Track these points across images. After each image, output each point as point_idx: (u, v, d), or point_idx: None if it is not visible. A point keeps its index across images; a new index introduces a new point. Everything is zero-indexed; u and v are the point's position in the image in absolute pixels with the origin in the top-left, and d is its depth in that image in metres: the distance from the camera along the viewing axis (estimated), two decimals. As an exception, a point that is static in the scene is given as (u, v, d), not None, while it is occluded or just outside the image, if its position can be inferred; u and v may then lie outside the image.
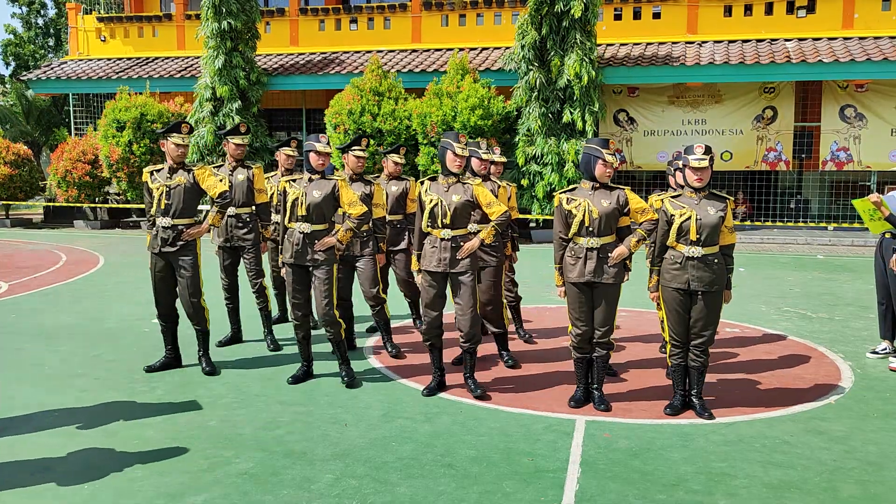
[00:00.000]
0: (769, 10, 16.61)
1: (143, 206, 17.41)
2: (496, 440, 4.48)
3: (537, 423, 4.76)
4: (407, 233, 6.63)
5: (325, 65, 17.93)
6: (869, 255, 13.23)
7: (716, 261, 4.76)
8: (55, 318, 7.82)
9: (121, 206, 18.24)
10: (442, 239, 5.14)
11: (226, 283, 6.66)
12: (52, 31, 34.19)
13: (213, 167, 6.37)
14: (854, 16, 16.21)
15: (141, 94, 17.01)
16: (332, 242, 5.35)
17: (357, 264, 6.20)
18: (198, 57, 18.40)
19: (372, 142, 14.72)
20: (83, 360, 6.24)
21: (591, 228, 4.86)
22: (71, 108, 20.67)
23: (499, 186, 6.07)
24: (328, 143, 5.40)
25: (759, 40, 16.43)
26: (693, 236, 4.73)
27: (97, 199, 18.20)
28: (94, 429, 4.65)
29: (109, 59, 20.35)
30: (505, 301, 6.11)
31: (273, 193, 6.82)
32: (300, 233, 5.37)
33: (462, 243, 5.15)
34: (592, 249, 4.86)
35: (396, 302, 7.36)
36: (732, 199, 4.98)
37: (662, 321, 5.43)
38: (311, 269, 5.41)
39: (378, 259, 6.25)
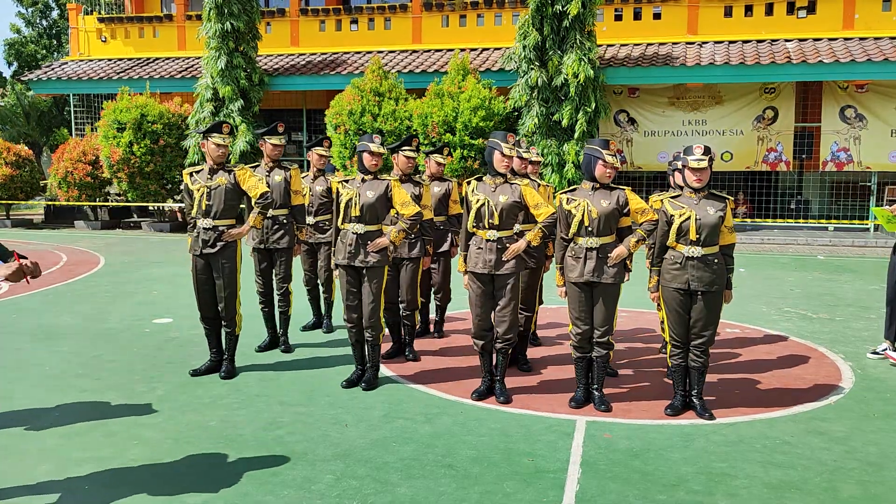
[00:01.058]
0: (769, 10, 16.61)
1: (143, 205, 17.46)
2: (497, 441, 4.48)
3: (538, 424, 4.76)
4: (450, 235, 6.56)
5: (326, 65, 17.93)
6: (870, 255, 13.23)
7: (716, 261, 4.77)
8: (55, 318, 7.82)
9: (121, 205, 18.25)
10: (488, 240, 5.08)
11: (261, 288, 6.47)
12: (54, 31, 34.20)
13: (251, 167, 6.26)
14: (854, 16, 16.21)
15: (141, 94, 17.02)
16: (384, 243, 5.29)
17: (402, 267, 6.10)
18: (198, 57, 18.40)
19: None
20: (83, 360, 6.24)
21: (590, 228, 4.87)
22: (71, 109, 20.68)
23: (539, 185, 6.01)
24: (382, 144, 5.34)
25: (759, 41, 16.43)
26: (693, 236, 4.73)
27: (98, 199, 18.20)
28: (94, 429, 4.65)
29: (110, 60, 20.36)
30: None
31: (307, 195, 6.72)
32: (353, 233, 5.30)
33: (508, 244, 5.09)
34: (592, 249, 4.87)
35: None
36: (732, 199, 4.98)
37: (662, 321, 5.43)
38: (363, 270, 5.35)
39: (423, 262, 6.15)
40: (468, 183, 5.28)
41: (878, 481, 3.97)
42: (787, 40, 16.27)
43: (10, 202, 18.95)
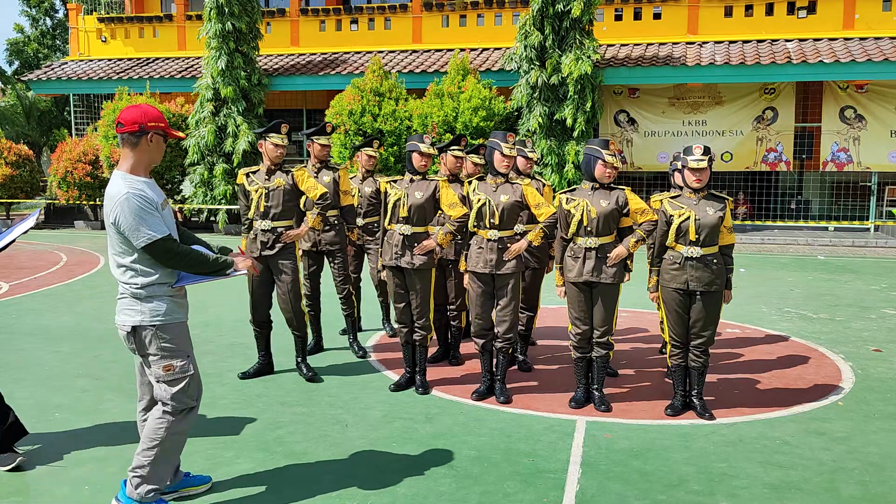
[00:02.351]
0: (770, 10, 16.61)
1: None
2: (497, 441, 4.48)
3: (538, 424, 4.76)
4: None
5: (326, 65, 17.94)
6: (870, 255, 13.23)
7: (715, 261, 4.77)
8: (55, 318, 7.82)
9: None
10: (489, 240, 5.08)
11: (308, 291, 6.27)
12: (58, 31, 34.15)
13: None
14: (855, 16, 16.21)
15: (141, 94, 17.02)
16: (431, 246, 5.22)
17: (448, 268, 5.99)
18: (198, 58, 18.41)
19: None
20: (83, 360, 6.24)
21: (589, 228, 4.87)
22: (71, 109, 20.68)
23: (543, 185, 5.96)
24: (432, 145, 5.28)
25: (759, 41, 16.43)
26: (692, 236, 4.73)
27: (98, 199, 18.21)
28: (93, 430, 4.65)
29: (110, 60, 20.36)
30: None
31: (355, 195, 6.58)
32: (400, 234, 5.25)
33: (509, 245, 5.09)
34: (591, 249, 4.86)
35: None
36: (731, 199, 4.98)
37: (662, 322, 5.43)
38: (409, 272, 5.29)
39: None
40: (469, 182, 5.28)
41: (878, 481, 3.97)
42: (787, 40, 16.27)
43: (10, 202, 18.94)
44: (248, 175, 5.56)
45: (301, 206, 5.70)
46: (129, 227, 3.30)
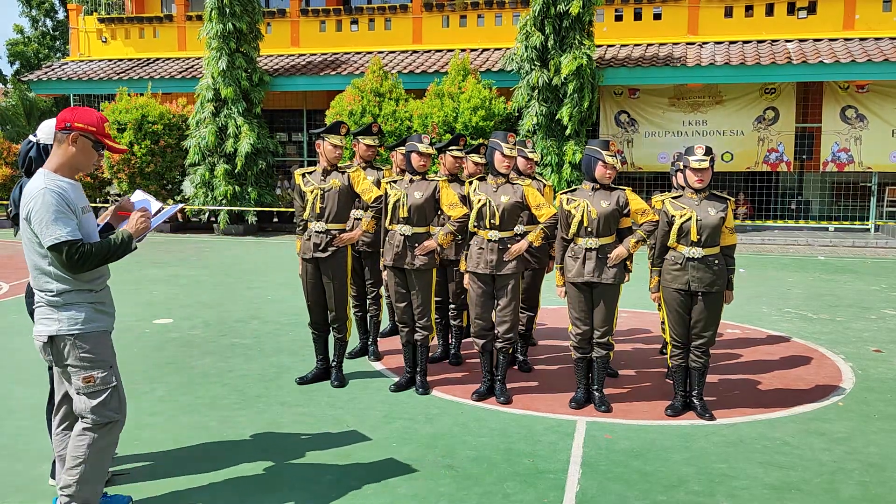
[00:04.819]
0: (770, 10, 16.60)
1: (143, 206, 17.45)
2: (497, 441, 4.48)
3: (538, 424, 4.76)
4: None
5: (326, 66, 17.93)
6: (870, 255, 13.23)
7: (716, 261, 4.77)
8: (56, 318, 7.79)
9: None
10: (489, 240, 5.08)
11: (354, 292, 6.15)
12: (58, 32, 34.16)
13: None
14: (855, 17, 16.20)
15: (142, 95, 17.02)
16: (432, 246, 5.22)
17: (449, 269, 5.98)
18: (199, 58, 18.41)
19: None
20: (84, 360, 6.23)
21: (589, 229, 4.87)
22: (72, 109, 20.68)
23: (544, 185, 5.95)
24: (431, 144, 5.27)
25: (759, 41, 16.43)
26: (694, 237, 4.73)
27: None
28: (94, 429, 4.64)
29: (111, 60, 20.35)
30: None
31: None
32: (401, 235, 5.24)
33: (509, 245, 5.09)
34: (591, 250, 4.86)
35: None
36: (733, 199, 4.98)
37: (663, 322, 5.43)
38: (409, 272, 5.28)
39: None
40: (470, 183, 5.29)
41: (878, 482, 3.97)
42: (787, 41, 16.26)
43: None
44: (303, 175, 5.52)
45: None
46: (41, 222, 3.09)
